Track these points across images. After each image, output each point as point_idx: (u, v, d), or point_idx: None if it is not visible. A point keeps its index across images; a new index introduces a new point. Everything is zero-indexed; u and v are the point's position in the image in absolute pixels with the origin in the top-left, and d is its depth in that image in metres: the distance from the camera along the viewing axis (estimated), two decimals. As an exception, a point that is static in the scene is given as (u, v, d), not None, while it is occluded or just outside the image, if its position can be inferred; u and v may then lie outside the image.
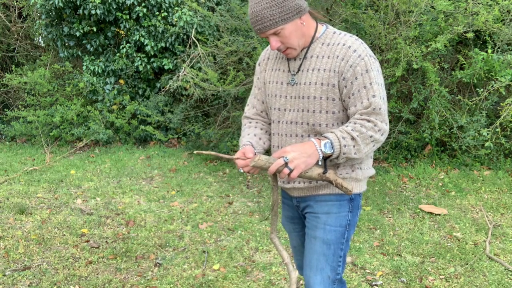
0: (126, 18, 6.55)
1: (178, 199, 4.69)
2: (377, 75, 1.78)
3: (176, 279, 3.21)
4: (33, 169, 5.62)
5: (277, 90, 1.93)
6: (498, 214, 4.17)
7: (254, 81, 2.08)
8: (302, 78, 1.85)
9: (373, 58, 1.80)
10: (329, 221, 1.89)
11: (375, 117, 1.75)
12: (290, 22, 1.75)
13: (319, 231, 1.90)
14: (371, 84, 1.76)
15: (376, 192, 4.71)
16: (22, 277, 3.21)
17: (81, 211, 4.36)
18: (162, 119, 6.40)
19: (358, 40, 1.81)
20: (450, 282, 3.14)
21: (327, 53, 1.82)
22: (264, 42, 5.02)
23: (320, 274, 1.90)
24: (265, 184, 5.08)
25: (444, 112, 4.97)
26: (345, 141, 1.71)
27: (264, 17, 1.72)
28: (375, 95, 1.75)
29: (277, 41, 1.78)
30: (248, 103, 2.11)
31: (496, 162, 5.24)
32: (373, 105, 1.75)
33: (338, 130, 1.74)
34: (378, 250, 3.58)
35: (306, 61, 1.86)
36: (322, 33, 1.86)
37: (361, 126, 1.73)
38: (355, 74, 1.75)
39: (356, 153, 1.74)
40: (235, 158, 1.78)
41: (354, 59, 1.76)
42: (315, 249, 1.91)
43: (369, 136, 1.74)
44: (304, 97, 1.85)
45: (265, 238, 3.81)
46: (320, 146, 1.70)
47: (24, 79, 7.04)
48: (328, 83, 1.79)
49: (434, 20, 4.80)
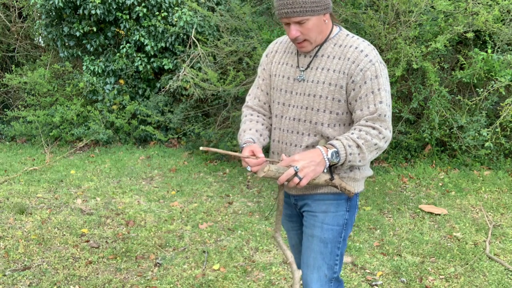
0: (126, 18, 6.55)
1: (178, 199, 4.69)
2: (385, 82, 1.81)
3: (176, 279, 3.21)
4: (33, 169, 5.62)
5: (283, 85, 1.93)
6: (498, 214, 4.17)
7: (259, 71, 2.07)
8: (310, 75, 1.86)
9: (382, 64, 1.82)
10: (327, 220, 1.91)
11: (380, 123, 1.77)
12: (317, 16, 1.76)
13: (317, 230, 1.92)
14: (379, 90, 1.78)
15: (376, 192, 4.71)
16: (22, 277, 3.21)
17: (81, 211, 4.36)
18: (162, 119, 6.40)
19: (370, 46, 1.83)
20: (450, 282, 3.14)
21: (338, 54, 1.83)
22: (264, 42, 5.01)
23: (317, 272, 1.92)
24: (265, 184, 5.08)
25: (444, 112, 4.98)
26: (351, 149, 1.73)
27: (295, 2, 1.71)
28: (382, 101, 1.78)
29: (298, 30, 1.78)
30: (250, 93, 2.09)
31: (496, 162, 5.24)
32: (379, 111, 1.77)
33: (344, 138, 1.75)
34: (378, 250, 3.58)
35: (316, 59, 1.86)
36: (336, 34, 1.87)
37: (366, 134, 1.75)
38: (364, 78, 1.77)
39: (360, 161, 1.77)
40: (244, 157, 1.77)
41: (365, 64, 1.78)
42: (312, 248, 1.93)
43: (373, 143, 1.76)
44: (310, 95, 1.85)
45: (265, 238, 3.81)
46: (327, 154, 1.72)
47: (24, 79, 7.04)
48: (336, 84, 1.81)
49: (434, 20, 4.80)
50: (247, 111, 2.07)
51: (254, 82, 2.10)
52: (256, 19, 5.39)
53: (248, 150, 1.81)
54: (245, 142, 1.90)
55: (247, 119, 2.03)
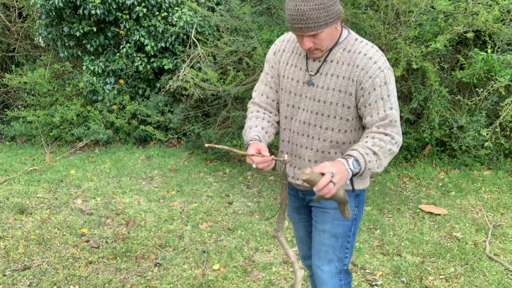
0: (126, 18, 6.55)
1: (178, 199, 4.69)
2: (393, 88, 1.83)
3: (176, 279, 3.21)
4: (33, 169, 5.62)
5: (292, 87, 1.94)
6: (498, 214, 4.17)
7: (266, 68, 2.05)
8: (320, 81, 1.87)
9: (391, 71, 1.84)
10: (337, 215, 1.98)
11: (391, 129, 1.81)
12: (330, 26, 1.75)
13: (328, 225, 2.01)
14: (388, 97, 1.81)
15: (376, 192, 4.71)
16: (22, 277, 3.21)
17: (81, 211, 4.36)
18: (162, 119, 6.40)
19: (378, 52, 1.84)
20: (450, 282, 3.14)
21: (347, 60, 1.83)
22: (264, 42, 5.01)
23: (328, 264, 2.04)
24: (265, 184, 5.08)
25: (444, 112, 4.97)
26: (369, 157, 1.77)
27: (310, 18, 1.69)
28: (392, 107, 1.81)
29: (311, 41, 1.77)
30: (256, 89, 2.08)
31: (496, 162, 5.24)
32: (390, 117, 1.80)
33: (359, 147, 1.78)
34: (378, 250, 3.58)
35: (325, 64, 1.86)
36: (344, 38, 1.87)
37: (380, 140, 1.79)
38: (373, 85, 1.79)
39: (378, 167, 1.81)
40: (250, 155, 1.78)
41: (374, 71, 1.79)
42: (324, 242, 2.03)
43: (388, 149, 1.80)
44: (319, 101, 1.87)
45: (265, 238, 3.81)
46: (349, 165, 1.73)
47: (24, 79, 7.03)
48: (346, 90, 1.83)
49: (434, 20, 4.79)
50: (254, 107, 2.07)
51: (260, 78, 2.08)
52: (256, 19, 5.39)
53: (254, 148, 1.82)
54: (251, 139, 1.90)
55: (253, 115, 2.03)
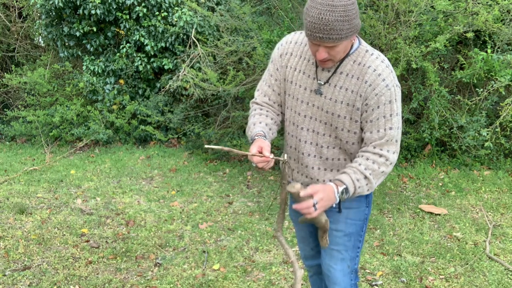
0: (126, 18, 6.55)
1: (178, 199, 4.69)
2: (398, 106, 1.83)
3: (176, 279, 3.21)
4: (33, 169, 5.62)
5: (299, 95, 1.91)
6: (498, 214, 4.17)
7: (271, 69, 2.00)
8: (328, 92, 1.85)
9: (398, 88, 1.84)
10: (350, 215, 2.01)
11: (388, 147, 1.82)
12: (349, 39, 1.72)
13: (341, 225, 2.03)
14: (391, 116, 1.81)
15: (376, 192, 4.71)
16: (22, 277, 3.21)
17: (81, 211, 4.36)
18: (162, 119, 6.40)
19: (388, 68, 1.82)
20: (450, 282, 3.14)
21: (356, 73, 1.81)
22: (264, 42, 5.01)
23: (340, 263, 2.06)
24: (265, 184, 5.08)
25: (444, 112, 4.97)
26: (359, 183, 1.81)
27: (333, 29, 1.64)
28: (392, 127, 1.81)
29: (326, 52, 1.73)
30: (259, 89, 2.05)
31: (496, 162, 5.24)
32: (387, 137, 1.81)
33: (352, 172, 1.81)
34: (378, 250, 3.58)
35: (335, 76, 1.84)
36: (355, 49, 1.83)
37: (373, 163, 1.81)
38: (378, 102, 1.79)
39: (368, 190, 1.85)
40: (251, 155, 1.77)
41: (381, 88, 1.78)
42: (336, 241, 2.04)
43: (381, 172, 1.83)
44: (328, 112, 1.87)
45: (265, 238, 3.81)
46: (338, 192, 1.78)
47: (24, 79, 7.03)
48: (354, 104, 1.82)
49: (434, 20, 4.79)
50: (256, 105, 2.05)
51: (263, 78, 2.04)
52: (256, 19, 5.39)
53: (257, 146, 1.79)
54: (256, 134, 1.88)
55: (256, 112, 2.01)
